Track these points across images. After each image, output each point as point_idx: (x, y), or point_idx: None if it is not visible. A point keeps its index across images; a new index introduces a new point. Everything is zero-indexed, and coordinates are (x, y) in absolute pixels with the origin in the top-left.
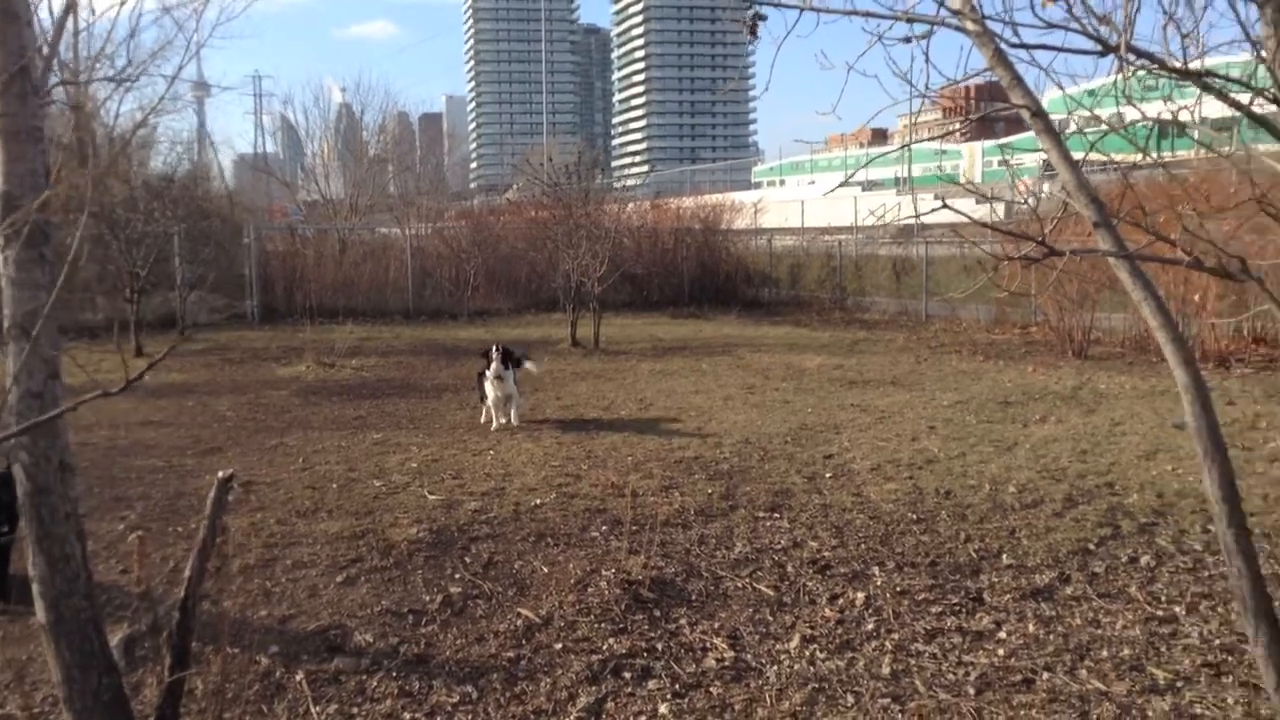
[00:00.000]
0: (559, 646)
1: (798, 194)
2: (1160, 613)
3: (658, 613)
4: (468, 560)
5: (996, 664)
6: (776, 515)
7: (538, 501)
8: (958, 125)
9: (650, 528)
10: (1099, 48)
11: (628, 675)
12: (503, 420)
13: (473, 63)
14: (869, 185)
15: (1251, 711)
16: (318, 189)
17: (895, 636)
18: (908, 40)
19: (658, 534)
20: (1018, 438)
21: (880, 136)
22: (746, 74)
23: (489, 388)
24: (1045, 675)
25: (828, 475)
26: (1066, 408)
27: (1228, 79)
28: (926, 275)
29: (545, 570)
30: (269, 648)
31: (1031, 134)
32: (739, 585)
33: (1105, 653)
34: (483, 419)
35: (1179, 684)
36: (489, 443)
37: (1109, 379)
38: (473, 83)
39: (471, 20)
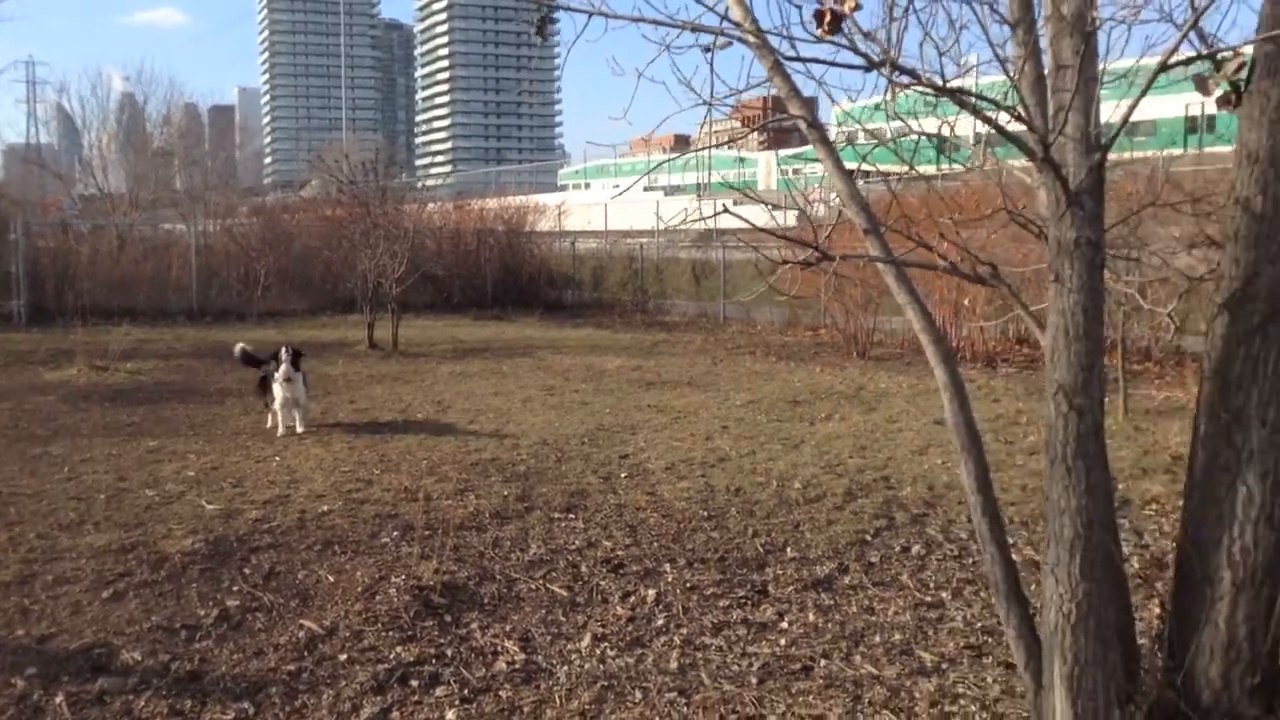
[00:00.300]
0: (344, 657)
1: (601, 197)
2: (929, 599)
3: (449, 618)
4: (247, 572)
5: (778, 653)
6: (572, 516)
7: (325, 508)
8: (746, 133)
9: (444, 532)
10: (865, 63)
11: (415, 683)
12: (290, 425)
13: (267, 54)
14: (671, 190)
15: (1008, 689)
16: (95, 182)
17: (684, 631)
18: (707, 50)
19: (451, 538)
20: (805, 435)
21: (683, 142)
22: (552, 76)
23: (277, 389)
24: (823, 662)
25: (623, 475)
26: (850, 406)
27: (980, 96)
28: (724, 279)
29: (331, 579)
30: (25, 669)
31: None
32: (532, 587)
33: (878, 638)
34: (269, 424)
35: (944, 665)
36: (275, 449)
37: (889, 378)
38: (267, 75)
39: (266, 10)
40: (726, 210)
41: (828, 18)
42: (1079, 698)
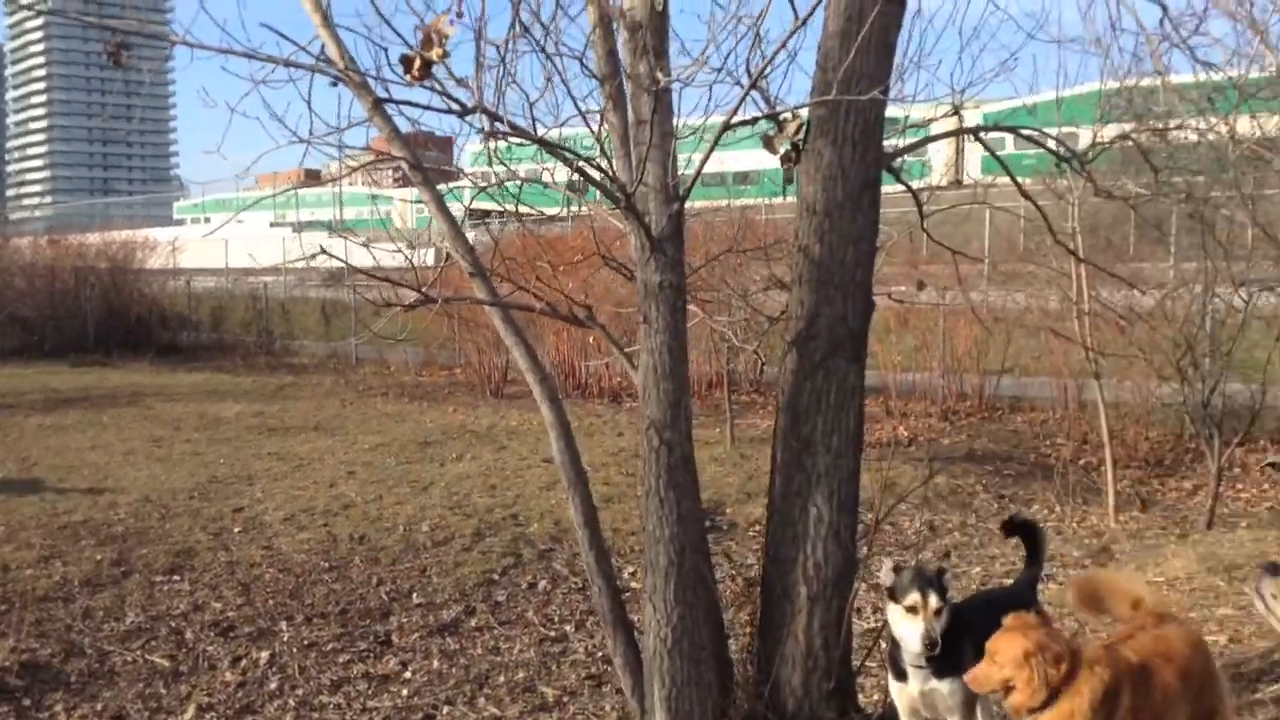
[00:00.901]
0: None
1: (223, 232)
2: (553, 633)
3: (27, 701)
4: None
5: (400, 705)
6: (176, 578)
7: None
8: (351, 172)
9: (23, 605)
10: (459, 109)
11: None
12: None
13: None
14: (301, 226)
15: (625, 715)
16: None
17: (300, 692)
18: (335, 83)
19: (32, 611)
20: (434, 477)
21: (314, 177)
22: (167, 104)
23: None
24: (446, 709)
25: (236, 530)
26: (481, 445)
27: (563, 147)
28: (355, 319)
29: None
30: None
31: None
32: (129, 659)
33: (503, 678)
34: None
35: (565, 699)
36: None
37: (520, 417)
38: None
39: None
40: (323, 251)
41: (416, 63)
42: (676, 717)
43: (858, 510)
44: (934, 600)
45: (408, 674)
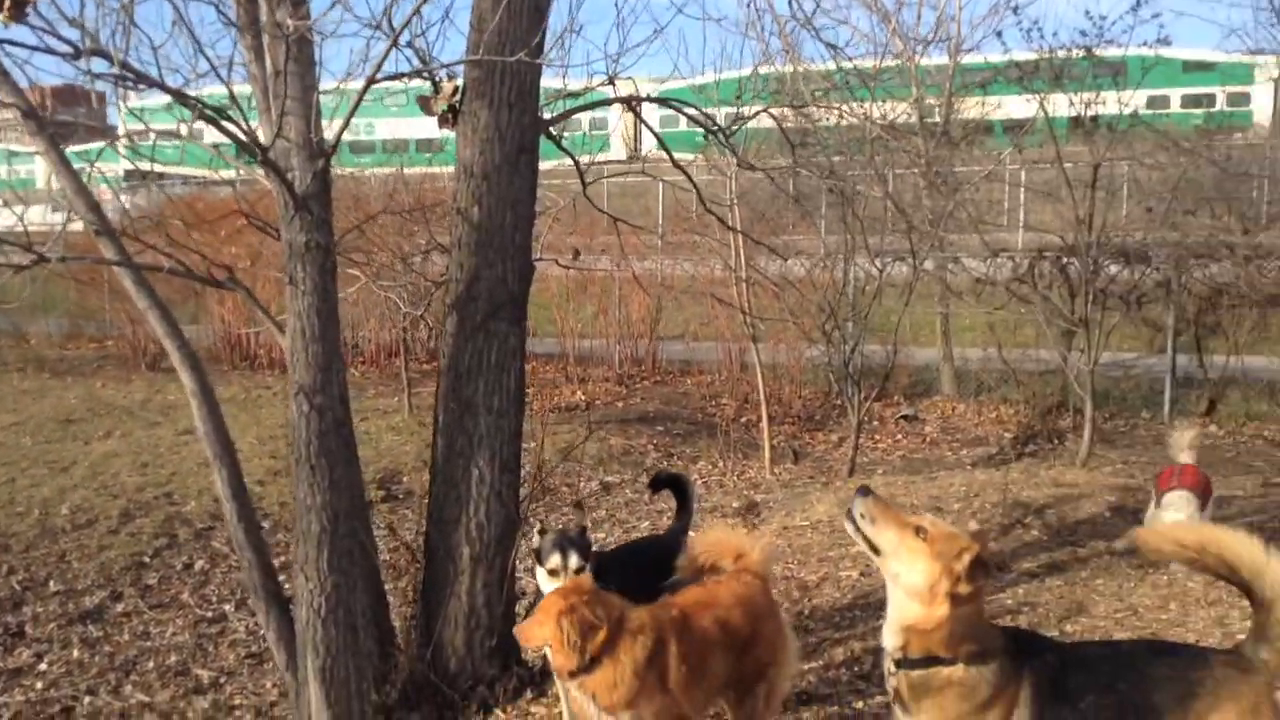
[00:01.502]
0: None
1: None
2: (210, 614)
3: None
4: None
5: (34, 699)
6: None
7: None
8: None
9: None
10: (72, 51)
11: None
12: None
13: None
14: None
15: (286, 692)
16: None
17: None
18: None
19: None
20: (77, 456)
21: None
22: None
23: None
24: (88, 699)
25: None
26: (133, 421)
27: (190, 97)
28: None
29: None
30: None
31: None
32: None
33: (153, 663)
34: None
35: (222, 679)
36: None
37: (178, 390)
38: None
39: None
40: None
41: (8, 2)
42: (332, 688)
43: (520, 470)
44: (574, 560)
45: (43, 666)
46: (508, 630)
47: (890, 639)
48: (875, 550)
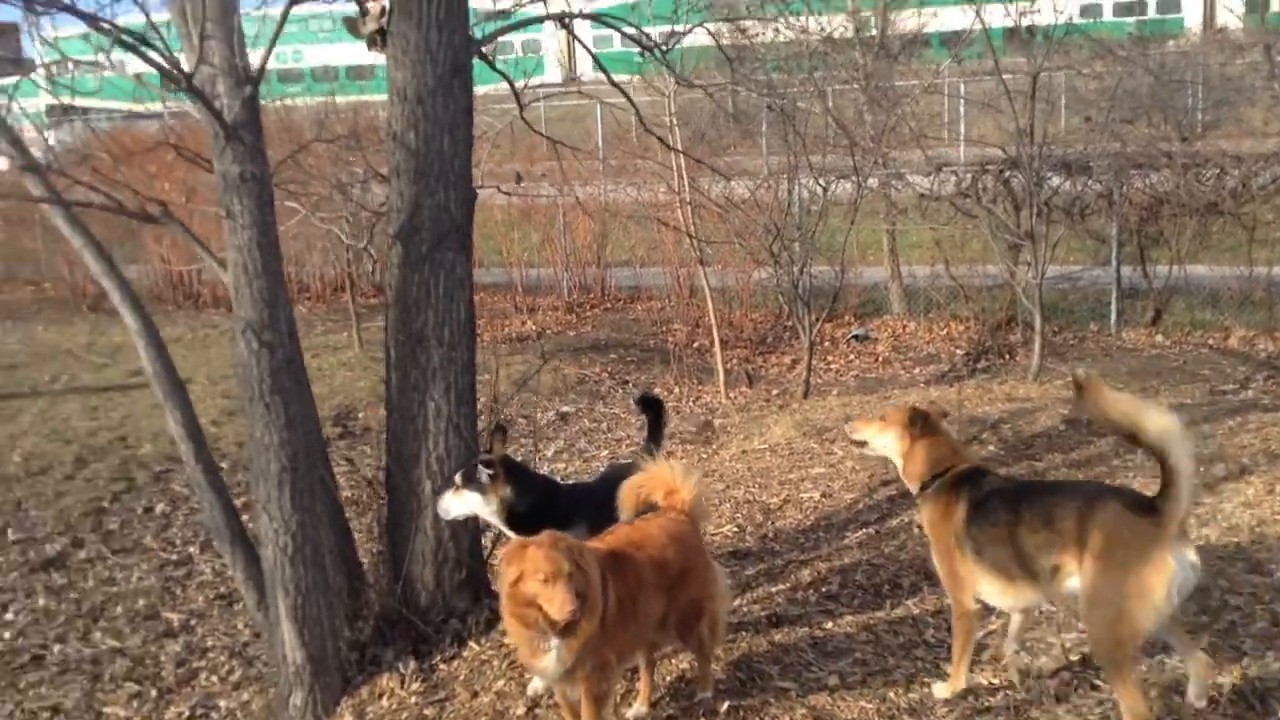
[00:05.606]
0: None
1: None
2: (175, 556)
3: None
4: None
5: (3, 648)
6: None
7: None
8: None
9: None
10: None
11: None
12: None
13: None
14: None
15: (258, 632)
16: None
17: None
18: None
19: None
20: (23, 404)
21: None
22: None
23: None
24: (58, 647)
25: None
26: (79, 365)
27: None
28: None
29: None
30: None
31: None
32: None
33: (121, 608)
34: None
35: (193, 622)
36: None
37: (123, 333)
38: None
39: None
40: None
41: None
42: (305, 626)
43: (476, 402)
44: (507, 492)
45: (9, 615)
46: (476, 562)
47: (908, 483)
48: (865, 444)
